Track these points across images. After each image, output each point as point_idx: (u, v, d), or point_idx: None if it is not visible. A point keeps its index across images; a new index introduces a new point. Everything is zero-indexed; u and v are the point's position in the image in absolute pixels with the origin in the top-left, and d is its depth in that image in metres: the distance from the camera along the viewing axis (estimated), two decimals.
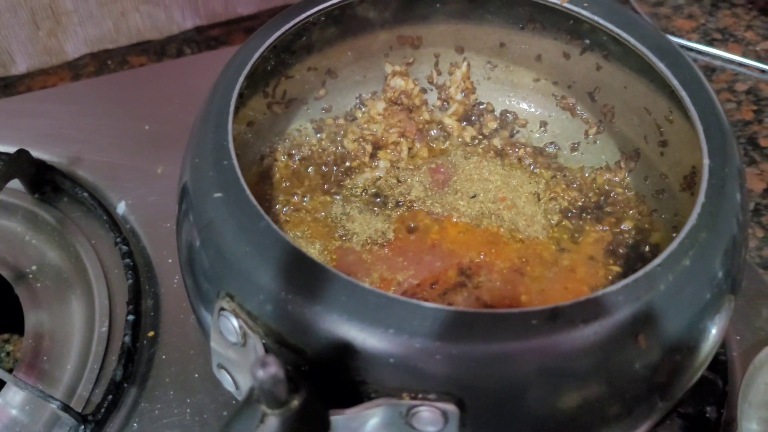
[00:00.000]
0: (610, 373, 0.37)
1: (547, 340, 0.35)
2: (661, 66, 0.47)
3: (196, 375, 0.56)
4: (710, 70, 0.85)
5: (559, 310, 0.36)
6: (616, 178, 0.57)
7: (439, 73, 0.62)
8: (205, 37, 0.90)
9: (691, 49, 0.87)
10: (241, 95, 0.46)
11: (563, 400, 0.37)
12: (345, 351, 0.35)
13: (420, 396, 0.35)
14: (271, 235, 0.38)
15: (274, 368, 0.30)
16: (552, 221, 0.55)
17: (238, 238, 0.39)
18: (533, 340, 0.35)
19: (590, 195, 0.56)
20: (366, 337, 0.35)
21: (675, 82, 0.46)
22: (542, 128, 0.61)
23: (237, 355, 0.39)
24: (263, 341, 0.37)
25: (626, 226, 0.54)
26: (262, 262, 0.37)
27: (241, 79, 0.46)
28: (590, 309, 0.36)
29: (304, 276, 0.37)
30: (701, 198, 0.40)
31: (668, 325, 0.37)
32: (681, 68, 0.47)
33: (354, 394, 0.36)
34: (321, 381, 0.36)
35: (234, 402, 0.54)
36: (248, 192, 0.40)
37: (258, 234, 0.38)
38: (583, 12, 0.51)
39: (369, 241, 0.53)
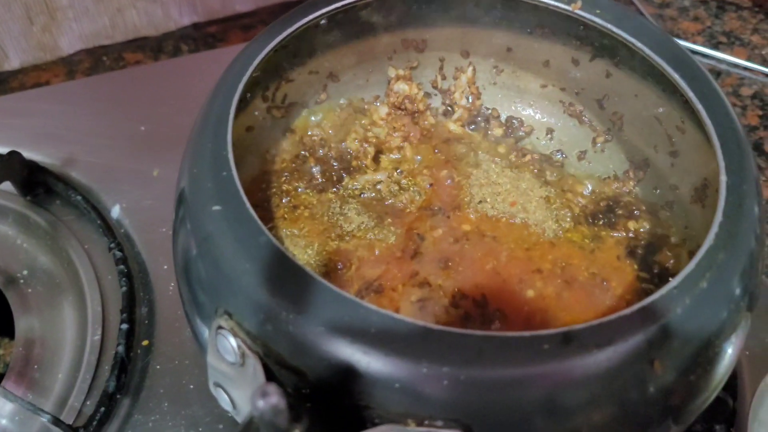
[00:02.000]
0: (624, 398, 0.36)
1: (560, 366, 0.34)
2: (675, 76, 0.46)
3: (192, 386, 0.54)
4: (715, 74, 0.84)
5: (572, 333, 0.34)
6: (625, 189, 0.55)
7: (444, 78, 0.61)
8: (202, 34, 0.88)
9: (696, 53, 0.86)
10: (240, 100, 0.45)
11: (575, 426, 0.35)
12: (348, 374, 0.34)
13: (426, 422, 0.34)
14: (272, 250, 0.37)
15: (275, 398, 0.28)
16: (564, 225, 0.53)
17: (238, 254, 0.37)
18: (545, 365, 0.34)
19: (600, 202, 0.55)
20: (370, 361, 0.34)
21: (690, 94, 0.45)
22: (548, 135, 0.60)
23: (235, 374, 0.38)
24: (263, 362, 0.36)
25: (643, 228, 0.53)
26: (262, 280, 0.36)
27: (241, 86, 0.44)
28: (604, 333, 0.34)
29: (306, 295, 0.35)
30: (719, 217, 0.39)
31: (684, 349, 0.36)
32: (696, 78, 0.46)
33: (357, 418, 0.35)
34: (323, 405, 0.35)
35: (229, 415, 0.53)
36: (248, 205, 0.38)
37: (258, 250, 0.37)
38: (595, 18, 0.49)
39: (368, 245, 0.52)
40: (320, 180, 0.55)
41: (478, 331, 0.34)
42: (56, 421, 0.49)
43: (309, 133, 0.58)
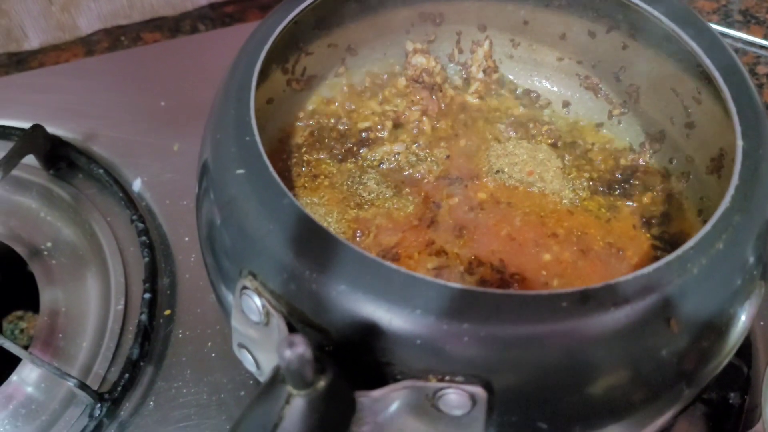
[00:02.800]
0: (640, 358, 0.36)
1: (578, 323, 0.34)
2: (692, 44, 0.46)
3: (213, 354, 0.56)
4: None
5: (589, 292, 0.35)
6: (641, 160, 0.56)
7: (461, 52, 0.61)
8: (219, 14, 0.89)
9: None
10: (261, 72, 0.45)
11: (592, 384, 0.36)
12: (370, 332, 0.35)
13: (447, 378, 0.34)
14: (295, 212, 0.37)
15: (301, 348, 0.29)
16: (581, 194, 0.54)
17: (261, 216, 0.38)
18: (563, 322, 0.34)
19: (616, 173, 0.55)
20: (392, 318, 0.34)
21: (707, 61, 0.45)
22: (565, 108, 0.60)
23: (259, 334, 0.39)
24: (287, 321, 0.36)
25: (658, 198, 0.53)
26: (286, 240, 0.37)
27: (263, 54, 0.45)
28: (622, 292, 0.35)
29: (329, 255, 0.36)
30: (735, 180, 0.39)
31: (699, 310, 0.37)
32: (713, 47, 0.46)
33: (379, 375, 0.36)
34: (345, 362, 0.36)
35: (251, 382, 0.54)
36: (271, 168, 0.39)
37: (281, 211, 0.38)
38: None
39: (386, 213, 0.53)
40: (340, 151, 0.56)
41: (497, 290, 0.35)
42: (82, 386, 0.51)
43: (328, 105, 0.58)
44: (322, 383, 0.32)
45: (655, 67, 0.53)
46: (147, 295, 0.57)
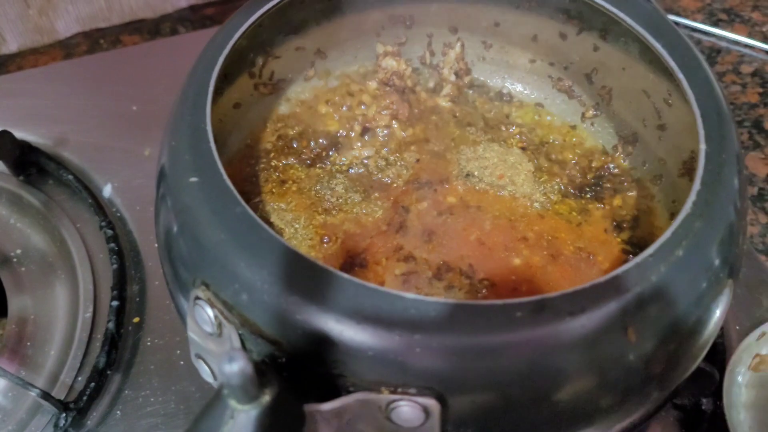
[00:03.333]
0: (599, 366, 0.36)
1: (532, 333, 0.34)
2: (658, 46, 0.45)
3: (182, 362, 0.55)
4: (715, 52, 0.83)
5: (545, 302, 0.34)
6: (613, 163, 0.55)
7: (433, 54, 0.60)
8: (199, 16, 0.88)
9: (695, 30, 0.85)
10: (225, 76, 0.45)
11: (549, 395, 0.35)
12: (322, 343, 0.34)
13: (399, 390, 0.34)
14: (248, 221, 0.37)
15: (242, 362, 0.29)
16: (552, 198, 0.53)
17: (214, 225, 0.37)
18: (517, 333, 0.34)
19: (588, 176, 0.55)
20: (343, 329, 0.34)
21: (672, 64, 0.44)
22: (538, 110, 0.59)
23: (214, 344, 0.38)
24: (239, 332, 0.36)
25: (630, 201, 0.53)
26: (238, 249, 0.36)
27: (221, 59, 0.44)
28: (577, 301, 0.34)
29: (280, 265, 0.35)
30: (696, 185, 0.38)
31: (660, 317, 0.36)
32: (679, 49, 0.45)
33: (332, 387, 0.35)
34: (298, 373, 0.35)
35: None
36: (225, 176, 0.38)
37: (234, 220, 0.37)
38: None
39: (354, 219, 0.52)
40: (308, 155, 0.55)
41: (450, 299, 0.34)
42: (46, 396, 0.50)
43: (297, 110, 0.58)
44: (267, 397, 0.31)
45: (626, 69, 0.53)
46: (114, 303, 0.56)
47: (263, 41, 0.53)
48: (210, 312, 0.37)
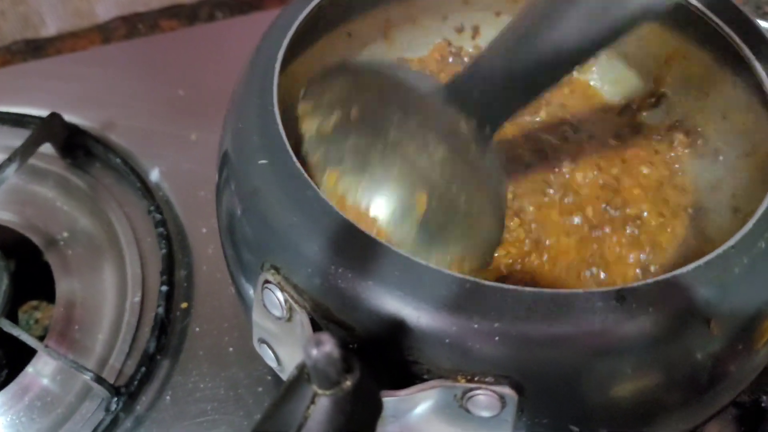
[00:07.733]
0: (677, 361, 0.35)
1: (613, 324, 0.33)
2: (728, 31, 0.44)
3: (231, 348, 0.55)
4: None
5: (626, 291, 0.33)
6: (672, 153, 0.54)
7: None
8: (237, 1, 0.88)
9: None
10: (289, 56, 0.44)
11: (625, 387, 0.35)
12: (397, 329, 0.33)
13: (476, 379, 0.33)
14: (320, 205, 0.36)
15: (329, 346, 0.28)
16: None
17: (285, 208, 0.36)
18: (598, 323, 0.33)
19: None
20: (420, 315, 0.33)
21: (745, 49, 0.43)
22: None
23: (281, 330, 0.38)
24: (310, 317, 0.35)
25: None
26: (311, 233, 0.35)
27: (286, 40, 0.44)
28: (660, 292, 0.34)
29: (354, 249, 0.35)
30: None
31: (741, 311, 0.35)
32: (750, 33, 0.44)
33: (406, 374, 0.34)
34: (371, 360, 0.34)
35: (269, 378, 0.53)
36: (295, 159, 0.38)
37: (306, 204, 0.36)
38: None
39: None
40: None
41: (529, 288, 0.34)
42: (98, 379, 0.50)
43: None
44: (348, 383, 0.30)
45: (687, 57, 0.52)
46: (164, 288, 0.56)
47: (327, 20, 0.52)
48: (280, 296, 0.36)
